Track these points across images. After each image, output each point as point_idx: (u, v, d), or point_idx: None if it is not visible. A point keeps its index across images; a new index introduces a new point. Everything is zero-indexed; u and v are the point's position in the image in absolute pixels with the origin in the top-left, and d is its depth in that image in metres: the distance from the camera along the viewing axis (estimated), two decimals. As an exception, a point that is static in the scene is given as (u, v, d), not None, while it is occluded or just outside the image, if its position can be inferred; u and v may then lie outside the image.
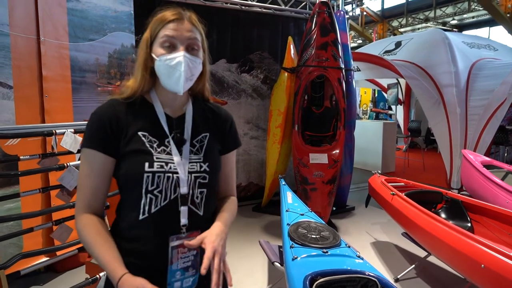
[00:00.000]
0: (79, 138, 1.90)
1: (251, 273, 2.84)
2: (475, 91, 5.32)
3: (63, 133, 1.85)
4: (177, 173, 0.96)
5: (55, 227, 1.96)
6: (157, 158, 0.95)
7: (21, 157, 1.84)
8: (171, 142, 0.99)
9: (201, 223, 0.99)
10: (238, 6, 4.57)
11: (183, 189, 0.96)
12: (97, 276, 1.76)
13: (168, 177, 0.95)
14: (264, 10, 4.77)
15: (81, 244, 1.90)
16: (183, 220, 0.96)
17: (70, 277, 2.82)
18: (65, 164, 1.84)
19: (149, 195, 0.94)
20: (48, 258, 2.34)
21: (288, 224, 2.18)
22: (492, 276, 1.80)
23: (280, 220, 2.49)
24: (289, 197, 2.79)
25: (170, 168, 0.96)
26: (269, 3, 4.86)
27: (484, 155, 4.60)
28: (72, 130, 1.89)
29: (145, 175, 0.93)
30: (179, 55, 0.95)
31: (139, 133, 0.97)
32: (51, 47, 2.73)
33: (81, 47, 2.98)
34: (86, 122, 2.14)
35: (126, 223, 0.97)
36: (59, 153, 1.96)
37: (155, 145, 0.97)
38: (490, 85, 5.21)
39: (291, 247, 1.88)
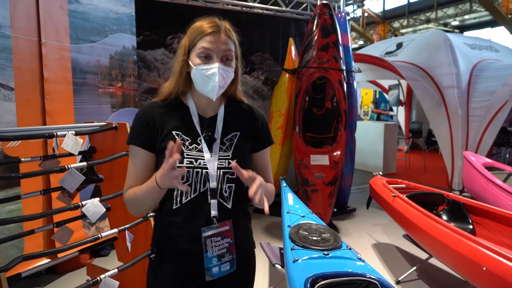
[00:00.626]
0: (80, 140, 1.90)
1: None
2: (476, 92, 5.31)
3: (64, 135, 1.85)
4: (206, 168, 1.06)
5: (56, 229, 1.96)
6: (187, 154, 1.06)
7: (22, 159, 1.83)
8: (202, 140, 1.09)
9: (230, 216, 1.09)
10: (239, 8, 4.58)
11: (212, 184, 1.06)
12: (98, 278, 1.75)
13: (197, 172, 1.05)
14: (265, 11, 4.77)
15: (82, 246, 1.91)
16: (213, 212, 1.06)
17: (71, 279, 2.83)
18: (66, 166, 1.83)
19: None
20: (49, 260, 2.34)
21: (289, 226, 2.17)
22: (494, 279, 1.79)
23: (280, 221, 2.48)
24: (290, 199, 2.78)
25: (200, 164, 1.06)
26: (270, 5, 4.86)
27: (486, 156, 4.58)
28: (73, 132, 1.89)
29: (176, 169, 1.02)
30: (214, 67, 1.04)
31: (173, 132, 1.08)
32: (52, 48, 2.74)
33: (82, 48, 2.98)
34: (87, 124, 2.15)
35: (164, 211, 1.10)
36: (60, 155, 1.96)
37: (187, 143, 1.08)
38: (491, 87, 5.20)
39: (292, 249, 1.88)
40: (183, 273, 1.08)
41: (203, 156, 1.06)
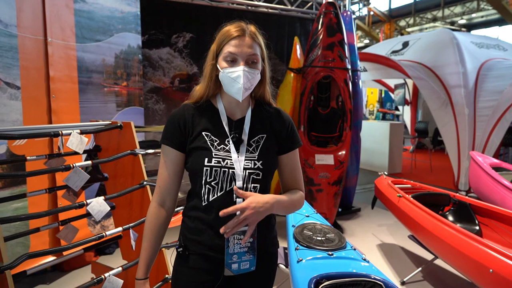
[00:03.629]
0: (85, 139, 1.90)
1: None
2: (484, 92, 5.25)
3: (69, 134, 1.86)
4: (233, 168, 1.11)
5: (61, 227, 1.97)
6: (215, 154, 1.11)
7: (28, 158, 1.84)
8: (230, 141, 1.14)
9: None
10: (244, 7, 4.57)
11: (238, 183, 1.10)
12: (102, 276, 1.76)
13: (224, 171, 1.10)
14: (270, 10, 4.76)
15: (87, 244, 1.91)
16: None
17: (76, 276, 2.85)
18: (71, 165, 1.84)
19: (207, 186, 1.11)
20: (54, 258, 2.35)
21: (293, 226, 2.17)
22: (501, 281, 1.77)
23: (285, 221, 2.48)
24: (294, 199, 2.77)
25: (227, 164, 1.11)
26: (275, 4, 4.85)
27: (493, 157, 4.54)
28: (78, 131, 1.90)
29: (204, 168, 1.10)
30: (239, 70, 1.09)
31: (203, 133, 1.14)
32: (58, 48, 2.75)
33: (88, 48, 2.99)
34: (92, 123, 2.16)
35: (192, 207, 1.16)
36: (65, 153, 1.97)
37: (215, 144, 1.13)
38: (499, 86, 5.14)
39: (296, 249, 1.87)
40: (207, 266, 1.14)
41: (231, 157, 1.11)
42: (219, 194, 1.11)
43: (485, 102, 5.18)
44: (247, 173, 1.12)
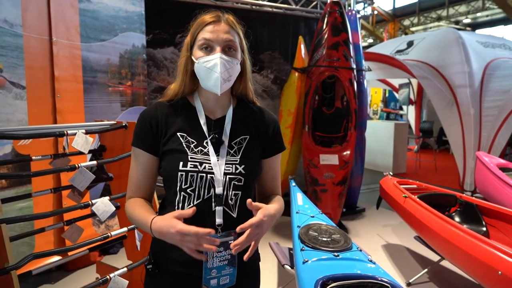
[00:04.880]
0: (90, 138, 1.90)
1: (261, 274, 2.83)
2: (489, 91, 5.21)
3: (74, 134, 1.85)
4: (212, 173, 0.98)
5: (66, 227, 1.97)
6: (191, 158, 0.99)
7: (33, 158, 1.84)
8: (209, 143, 1.02)
9: (234, 225, 0.96)
10: (248, 6, 4.55)
11: (218, 189, 0.98)
12: (107, 276, 1.75)
13: (202, 176, 0.98)
14: (274, 9, 4.74)
15: (92, 245, 1.91)
16: (218, 220, 0.98)
17: (81, 276, 2.85)
18: (76, 165, 1.84)
19: (182, 193, 0.99)
20: (59, 258, 2.36)
21: (298, 226, 2.15)
22: (511, 284, 1.74)
23: (289, 221, 2.46)
24: (299, 199, 2.75)
25: (205, 168, 0.98)
26: (280, 3, 4.83)
27: (499, 157, 4.49)
28: (83, 131, 1.89)
29: (179, 173, 0.98)
30: (216, 57, 0.98)
31: (178, 133, 1.02)
32: (63, 47, 2.75)
33: (93, 47, 2.99)
34: (97, 122, 2.16)
35: None
36: (70, 153, 1.97)
37: (192, 146, 1.01)
38: (505, 86, 5.10)
39: (301, 250, 1.85)
40: (181, 285, 1.01)
41: (209, 160, 0.99)
42: (195, 202, 0.98)
43: (491, 102, 5.14)
44: (227, 179, 0.99)
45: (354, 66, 3.92)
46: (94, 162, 1.97)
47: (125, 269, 1.86)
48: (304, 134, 3.89)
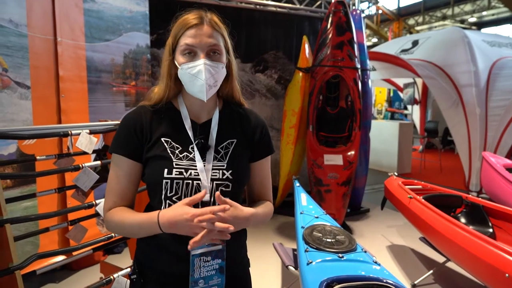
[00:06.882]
0: (94, 138, 1.90)
1: (264, 275, 2.83)
2: (496, 91, 5.16)
3: (78, 134, 1.86)
4: (198, 180, 0.94)
5: (71, 227, 1.98)
6: (176, 164, 0.95)
7: (37, 157, 1.85)
8: (195, 148, 0.98)
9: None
10: (252, 6, 4.54)
11: (205, 196, 0.93)
12: (111, 277, 1.75)
13: (188, 184, 0.94)
14: (278, 9, 4.73)
15: (96, 244, 1.91)
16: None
17: (85, 275, 2.86)
18: (81, 165, 1.84)
19: (168, 201, 0.94)
20: (64, 258, 2.36)
21: (302, 227, 2.14)
22: (517, 286, 1.72)
23: (293, 221, 2.45)
24: (303, 199, 2.74)
25: (191, 174, 0.94)
26: (284, 2, 4.82)
27: (505, 157, 4.45)
28: (87, 131, 1.90)
29: (164, 181, 0.93)
30: (200, 63, 0.94)
31: (162, 139, 0.98)
32: (67, 47, 2.76)
33: (97, 47, 3.00)
34: (101, 122, 2.16)
35: None
36: (74, 153, 1.97)
37: (177, 151, 0.97)
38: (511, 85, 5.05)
39: (305, 251, 1.84)
40: None
41: (195, 166, 0.95)
42: None
43: (497, 101, 5.09)
44: (214, 185, 0.95)
45: (359, 66, 3.90)
46: (98, 162, 1.97)
47: (129, 269, 1.85)
48: (308, 134, 3.87)
